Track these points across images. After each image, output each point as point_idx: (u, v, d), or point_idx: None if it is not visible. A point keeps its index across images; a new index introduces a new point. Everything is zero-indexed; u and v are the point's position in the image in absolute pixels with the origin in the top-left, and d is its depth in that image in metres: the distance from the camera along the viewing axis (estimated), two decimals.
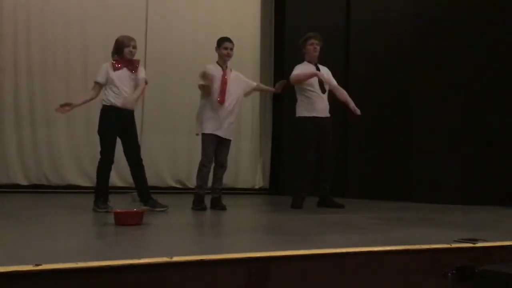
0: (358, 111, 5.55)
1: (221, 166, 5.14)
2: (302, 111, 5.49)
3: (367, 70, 7.57)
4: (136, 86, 4.73)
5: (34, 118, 7.47)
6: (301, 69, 5.50)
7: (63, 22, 7.66)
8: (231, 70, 5.19)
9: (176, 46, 8.23)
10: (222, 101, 5.01)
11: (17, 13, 7.45)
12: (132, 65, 4.73)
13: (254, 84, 5.48)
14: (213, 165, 5.14)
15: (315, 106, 5.45)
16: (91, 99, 4.79)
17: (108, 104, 4.62)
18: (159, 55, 8.08)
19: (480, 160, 6.25)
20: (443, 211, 5.11)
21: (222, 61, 5.13)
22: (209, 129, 5.01)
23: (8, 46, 7.39)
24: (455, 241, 2.50)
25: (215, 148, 5.05)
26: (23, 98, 7.43)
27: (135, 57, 4.78)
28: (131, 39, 4.75)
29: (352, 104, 5.61)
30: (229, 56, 5.12)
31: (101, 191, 4.58)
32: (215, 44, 5.21)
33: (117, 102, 4.59)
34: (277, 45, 9.24)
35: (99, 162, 4.64)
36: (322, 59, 5.70)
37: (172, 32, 8.24)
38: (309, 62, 5.56)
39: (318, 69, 5.53)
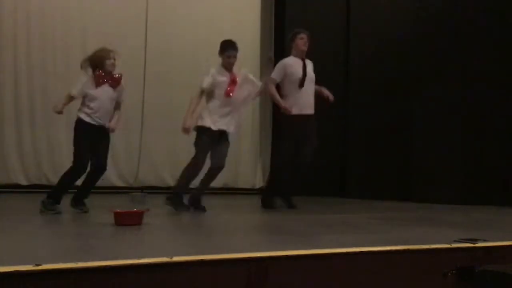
0: (331, 97, 5.49)
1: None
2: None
3: (367, 70, 7.57)
4: (116, 105, 4.53)
5: (34, 118, 7.47)
6: (282, 69, 5.39)
7: (63, 22, 7.67)
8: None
9: (176, 45, 8.23)
10: (229, 92, 4.86)
11: (17, 13, 7.45)
12: (114, 81, 4.45)
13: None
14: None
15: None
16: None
17: (84, 120, 4.37)
18: (159, 54, 8.08)
19: (480, 160, 6.25)
20: (443, 211, 5.11)
21: (226, 66, 4.94)
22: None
23: (8, 46, 7.39)
24: (455, 241, 2.50)
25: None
26: (23, 98, 7.43)
27: (117, 72, 4.48)
28: (110, 50, 4.46)
29: (326, 92, 5.53)
30: (231, 64, 4.93)
31: (58, 194, 4.42)
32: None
33: (93, 120, 4.37)
34: (277, 44, 9.23)
35: (71, 169, 4.44)
36: (316, 57, 5.64)
37: (172, 31, 8.23)
38: (296, 56, 5.49)
39: (305, 64, 5.48)
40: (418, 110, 6.74)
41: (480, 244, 2.47)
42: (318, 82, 5.56)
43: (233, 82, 4.92)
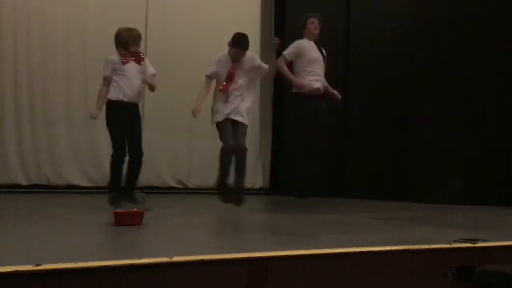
0: (339, 96, 5.62)
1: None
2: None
3: (367, 70, 7.57)
4: (143, 80, 4.87)
5: (34, 118, 7.46)
6: (296, 48, 5.44)
7: (63, 22, 7.65)
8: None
9: (177, 45, 8.22)
10: (225, 88, 4.95)
11: (17, 13, 7.44)
12: (138, 58, 4.83)
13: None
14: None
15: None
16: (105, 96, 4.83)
17: (115, 98, 4.67)
18: (159, 54, 8.04)
19: (480, 160, 6.25)
20: (443, 211, 5.11)
21: (232, 58, 5.02)
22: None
23: (8, 46, 7.38)
24: (455, 241, 2.50)
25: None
26: (23, 98, 7.42)
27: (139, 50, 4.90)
28: (133, 30, 4.88)
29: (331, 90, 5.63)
30: (237, 58, 5.01)
31: (115, 185, 4.59)
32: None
33: (124, 96, 4.68)
34: None
35: (112, 157, 4.66)
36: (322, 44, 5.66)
37: (172, 31, 8.23)
38: (309, 40, 5.52)
39: (320, 48, 5.51)
40: (418, 110, 6.74)
41: (480, 244, 2.47)
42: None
43: (230, 77, 4.97)
